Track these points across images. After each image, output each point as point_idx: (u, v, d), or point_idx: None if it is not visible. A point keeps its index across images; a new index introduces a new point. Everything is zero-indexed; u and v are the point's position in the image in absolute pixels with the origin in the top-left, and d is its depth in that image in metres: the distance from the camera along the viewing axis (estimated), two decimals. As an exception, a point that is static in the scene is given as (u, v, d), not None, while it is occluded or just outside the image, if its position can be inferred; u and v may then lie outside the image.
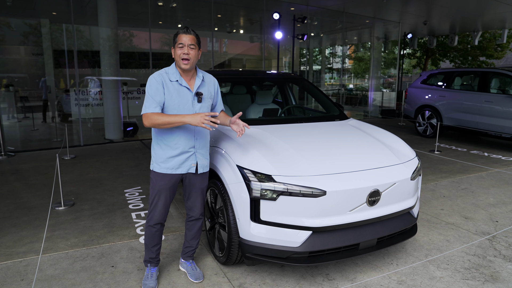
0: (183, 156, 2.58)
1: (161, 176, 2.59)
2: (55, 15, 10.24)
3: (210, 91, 2.69)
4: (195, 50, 2.49)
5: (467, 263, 3.10)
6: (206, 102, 2.63)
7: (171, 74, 2.54)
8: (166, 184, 2.60)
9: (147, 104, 2.46)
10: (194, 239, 2.88)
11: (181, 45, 2.46)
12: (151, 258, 2.76)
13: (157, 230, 2.70)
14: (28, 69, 10.77)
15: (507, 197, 4.76)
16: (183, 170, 2.61)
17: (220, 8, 11.07)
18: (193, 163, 2.62)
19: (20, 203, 4.43)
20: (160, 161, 2.58)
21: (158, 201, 2.63)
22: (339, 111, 4.15)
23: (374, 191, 2.64)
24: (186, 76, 2.57)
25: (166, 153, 2.56)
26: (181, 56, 2.46)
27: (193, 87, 2.58)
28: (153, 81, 2.49)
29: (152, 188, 2.65)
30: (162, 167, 2.58)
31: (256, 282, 2.78)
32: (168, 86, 2.50)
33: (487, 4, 11.35)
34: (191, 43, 2.47)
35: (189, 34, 2.48)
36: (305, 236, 2.54)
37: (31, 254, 3.17)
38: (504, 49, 20.99)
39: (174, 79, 2.52)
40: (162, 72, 2.55)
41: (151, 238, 2.71)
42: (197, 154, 2.63)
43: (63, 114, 10.09)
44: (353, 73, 23.14)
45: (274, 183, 2.52)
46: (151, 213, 2.66)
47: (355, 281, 2.82)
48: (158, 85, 2.47)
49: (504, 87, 7.91)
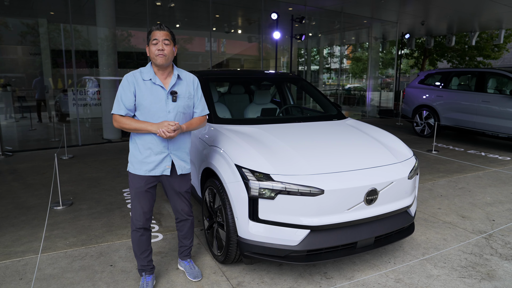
0: (157, 157, 2.50)
1: (137, 177, 2.53)
2: (52, 14, 10.23)
3: (189, 90, 2.58)
4: (170, 45, 2.44)
5: (464, 261, 3.12)
6: (182, 101, 2.52)
7: (145, 73, 2.48)
8: (142, 187, 2.52)
9: (116, 106, 2.42)
10: (187, 239, 2.86)
11: (155, 41, 2.41)
12: (143, 266, 2.67)
13: (142, 235, 2.61)
14: (25, 69, 10.74)
15: (504, 196, 4.79)
16: (157, 172, 2.52)
17: (218, 8, 11.08)
18: (168, 164, 2.53)
19: (18, 202, 4.43)
20: (135, 161, 2.52)
21: (137, 204, 2.55)
22: (337, 111, 4.16)
23: (371, 190, 2.65)
24: (161, 75, 2.49)
25: (140, 153, 2.50)
26: (155, 52, 2.40)
27: (168, 85, 2.50)
28: (124, 81, 2.45)
29: (130, 191, 2.59)
30: (136, 168, 2.52)
31: (255, 281, 2.79)
32: (140, 86, 2.44)
33: (484, 4, 11.41)
34: (165, 38, 2.42)
35: (163, 30, 2.43)
36: (303, 234, 2.55)
37: (30, 254, 3.17)
38: (501, 49, 21.08)
39: (147, 78, 2.46)
40: (136, 71, 2.50)
41: (138, 245, 2.62)
42: (172, 156, 2.54)
43: (61, 114, 10.08)
44: (351, 73, 23.18)
45: (272, 182, 2.53)
46: (133, 218, 2.59)
47: (352, 279, 2.83)
48: (130, 86, 2.42)
49: (501, 87, 7.96)
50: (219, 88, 5.87)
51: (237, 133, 3.17)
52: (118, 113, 2.42)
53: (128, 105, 2.42)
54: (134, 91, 2.43)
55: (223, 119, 3.58)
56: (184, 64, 12.06)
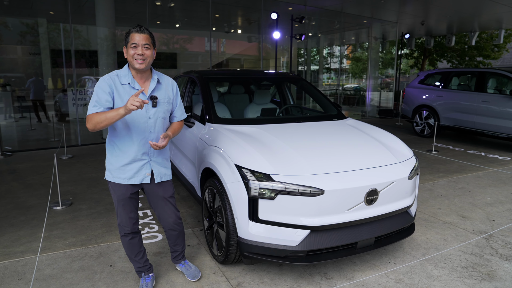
0: (136, 165, 2.40)
1: (117, 186, 2.43)
2: (52, 14, 10.21)
3: (168, 94, 2.49)
4: (150, 50, 2.32)
5: (464, 262, 3.11)
6: (162, 106, 2.43)
7: (123, 76, 2.35)
8: (123, 194, 2.44)
9: (90, 106, 2.26)
10: (178, 245, 2.81)
11: (134, 45, 2.27)
12: (140, 268, 2.64)
13: (132, 238, 2.56)
14: (25, 68, 10.72)
15: (504, 196, 4.79)
16: (137, 180, 2.43)
17: (218, 8, 11.07)
18: (148, 172, 2.44)
19: (17, 203, 4.42)
20: (113, 169, 2.42)
21: (122, 211, 2.48)
22: (337, 111, 4.16)
23: (372, 190, 2.65)
24: (140, 79, 2.38)
25: (118, 160, 2.39)
26: (134, 57, 2.28)
27: (147, 90, 2.39)
28: (101, 83, 2.30)
29: (113, 199, 2.50)
30: (115, 177, 2.41)
31: (255, 281, 2.79)
32: (118, 90, 2.31)
33: (484, 4, 11.41)
34: (145, 43, 2.29)
35: (143, 33, 2.29)
36: (303, 235, 2.54)
37: (29, 254, 3.16)
38: (500, 49, 21.10)
39: (125, 82, 2.33)
40: (113, 74, 2.36)
41: (130, 249, 2.58)
42: (152, 163, 2.45)
43: (60, 114, 10.06)
44: (351, 73, 23.19)
45: (272, 182, 2.53)
46: (120, 224, 2.53)
47: (353, 279, 2.83)
48: (107, 88, 2.28)
49: (500, 87, 7.95)
50: (219, 88, 5.87)
51: (237, 133, 3.16)
52: (93, 111, 2.23)
53: (104, 103, 2.25)
54: (112, 94, 2.29)
55: (223, 119, 3.57)
56: (184, 64, 12.05)
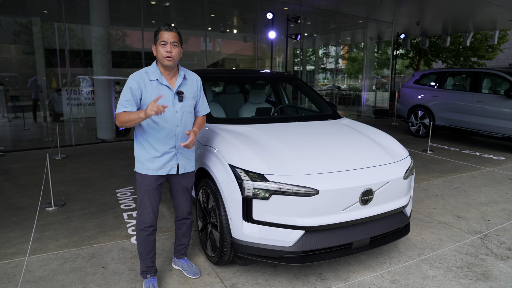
0: (164, 157, 2.52)
1: (146, 177, 2.53)
2: (46, 13, 10.13)
3: (194, 90, 2.62)
4: (177, 47, 2.45)
5: (459, 262, 3.11)
6: (187, 101, 2.56)
7: (151, 73, 2.47)
8: (152, 185, 2.54)
9: (119, 104, 2.40)
10: (185, 237, 2.87)
11: (163, 43, 2.40)
12: (148, 268, 2.63)
13: (150, 234, 2.59)
14: (19, 68, 10.63)
15: (499, 196, 4.80)
16: (165, 171, 2.54)
17: (214, 8, 11.03)
18: (174, 163, 2.56)
19: (9, 203, 4.36)
20: (143, 160, 2.52)
21: (147, 202, 2.55)
22: (332, 110, 4.14)
23: (367, 190, 2.63)
24: (168, 75, 2.50)
25: (147, 153, 2.50)
26: (164, 54, 2.40)
27: (174, 85, 2.51)
28: (131, 81, 2.43)
29: (139, 190, 2.58)
30: (145, 168, 2.52)
31: (249, 282, 2.76)
32: (146, 86, 2.44)
33: (478, 5, 11.46)
34: (174, 41, 2.41)
35: (172, 31, 2.42)
36: (298, 235, 2.52)
37: (20, 255, 3.11)
38: (495, 50, 21.24)
39: (154, 78, 2.46)
40: (142, 72, 2.48)
41: (145, 244, 2.59)
42: (178, 155, 2.57)
43: (54, 113, 9.98)
44: (347, 73, 23.23)
45: (266, 182, 2.50)
46: (141, 216, 2.57)
47: (348, 280, 2.81)
48: (136, 86, 2.41)
49: (495, 87, 7.99)
50: (214, 87, 5.83)
51: (231, 132, 3.13)
52: (121, 110, 2.39)
53: (131, 102, 2.39)
54: (140, 92, 2.42)
55: (218, 119, 3.54)
56: (180, 64, 11.99)
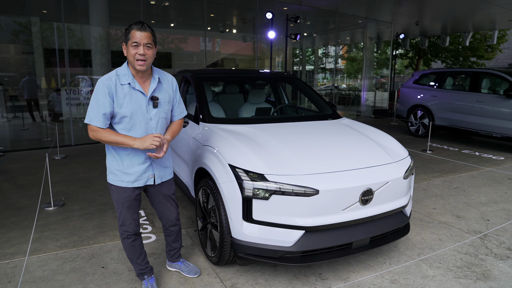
0: (139, 168, 2.36)
1: (121, 189, 2.37)
2: (45, 13, 10.11)
3: (169, 93, 2.42)
4: (151, 49, 2.22)
5: (459, 261, 3.11)
6: (163, 107, 2.36)
7: (122, 76, 2.24)
8: (129, 197, 2.39)
9: (92, 115, 2.18)
10: (176, 242, 2.81)
11: (135, 44, 2.17)
12: (142, 270, 2.61)
13: (134, 241, 2.51)
14: (18, 68, 10.60)
15: (498, 196, 4.80)
16: (141, 183, 2.39)
17: (213, 8, 11.03)
18: (151, 174, 2.42)
19: (8, 203, 4.35)
20: (116, 172, 2.35)
21: (126, 213, 2.43)
22: (332, 110, 4.14)
23: (367, 190, 2.63)
24: (140, 78, 2.28)
25: (119, 164, 2.34)
26: (136, 57, 2.18)
27: (148, 90, 2.30)
28: (100, 86, 2.19)
29: (116, 202, 2.43)
30: (119, 180, 2.35)
31: (249, 282, 2.76)
32: (118, 91, 2.21)
33: (477, 5, 11.47)
34: (147, 42, 2.18)
35: (145, 31, 2.18)
36: (297, 235, 2.52)
37: (19, 256, 3.11)
38: (494, 50, 21.26)
39: (125, 82, 2.23)
40: (112, 75, 2.24)
41: (132, 251, 2.54)
42: (154, 165, 2.42)
43: (54, 113, 9.97)
44: (346, 73, 23.22)
45: (266, 182, 2.50)
46: (123, 226, 2.46)
47: (348, 280, 2.81)
48: (105, 91, 2.18)
49: (494, 87, 8.00)
50: (213, 87, 5.83)
51: (231, 132, 3.13)
52: (98, 125, 2.18)
53: (106, 116, 2.20)
54: (112, 98, 2.19)
55: (217, 119, 3.54)
56: (179, 64, 11.98)
